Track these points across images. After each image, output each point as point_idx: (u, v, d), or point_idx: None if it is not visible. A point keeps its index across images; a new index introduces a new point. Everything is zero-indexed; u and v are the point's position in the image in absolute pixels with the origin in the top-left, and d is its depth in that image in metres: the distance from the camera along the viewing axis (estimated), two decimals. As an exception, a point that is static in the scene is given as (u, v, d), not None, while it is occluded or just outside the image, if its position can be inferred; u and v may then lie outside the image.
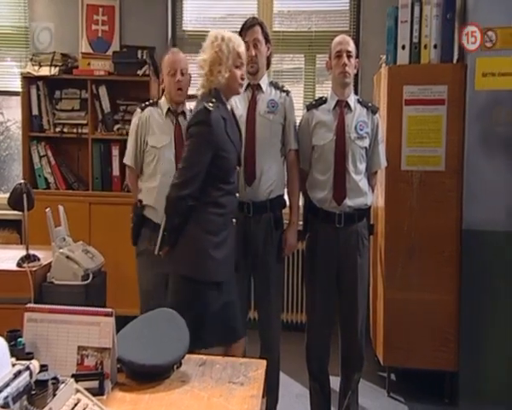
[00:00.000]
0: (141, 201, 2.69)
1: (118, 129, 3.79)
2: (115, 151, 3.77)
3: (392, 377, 3.14)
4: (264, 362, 1.78)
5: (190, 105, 2.67)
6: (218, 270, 2.22)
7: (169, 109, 2.68)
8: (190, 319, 2.03)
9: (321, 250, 2.61)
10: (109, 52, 3.89)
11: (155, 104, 2.73)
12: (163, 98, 2.73)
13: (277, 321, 2.67)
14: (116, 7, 3.99)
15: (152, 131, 2.67)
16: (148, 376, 1.55)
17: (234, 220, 2.32)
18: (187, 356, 1.70)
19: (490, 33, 2.88)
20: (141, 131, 2.68)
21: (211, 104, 2.15)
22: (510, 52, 2.85)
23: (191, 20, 4.15)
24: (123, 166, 3.80)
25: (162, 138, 2.65)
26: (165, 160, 2.62)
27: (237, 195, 2.36)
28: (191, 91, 2.76)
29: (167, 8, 4.03)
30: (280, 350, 2.68)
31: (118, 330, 1.61)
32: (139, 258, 2.71)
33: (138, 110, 2.74)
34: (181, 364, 1.67)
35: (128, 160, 2.75)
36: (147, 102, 2.76)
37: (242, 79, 2.29)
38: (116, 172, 3.78)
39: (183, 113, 2.70)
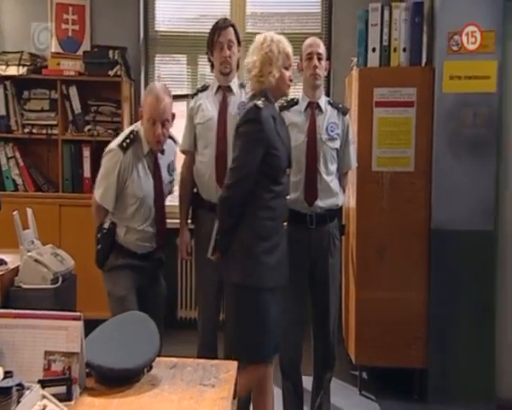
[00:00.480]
0: (114, 223, 2.45)
1: (89, 130, 3.73)
2: (86, 152, 3.73)
3: (364, 375, 3.18)
4: (235, 363, 1.77)
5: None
6: (271, 276, 2.18)
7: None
8: (250, 329, 2.04)
9: (293, 252, 2.62)
10: (80, 52, 3.83)
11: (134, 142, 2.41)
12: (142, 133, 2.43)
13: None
14: (87, 6, 3.93)
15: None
16: (117, 380, 1.53)
17: (285, 224, 2.30)
18: (157, 359, 1.69)
19: (456, 37, 2.95)
20: (122, 175, 2.39)
21: (260, 102, 2.15)
22: (476, 56, 2.92)
23: (164, 20, 4.13)
24: (94, 168, 3.77)
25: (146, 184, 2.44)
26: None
27: (288, 197, 2.36)
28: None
29: (139, 9, 4.00)
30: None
31: (88, 334, 1.59)
32: (111, 272, 2.47)
33: (118, 151, 2.39)
34: (151, 367, 1.66)
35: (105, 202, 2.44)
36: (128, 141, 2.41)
37: (291, 80, 2.29)
38: (87, 173, 3.73)
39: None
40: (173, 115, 2.44)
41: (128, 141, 2.40)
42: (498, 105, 2.92)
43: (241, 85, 2.69)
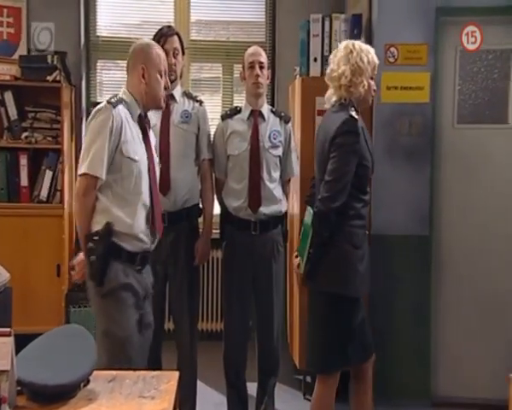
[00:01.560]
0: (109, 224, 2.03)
1: (26, 137, 3.59)
2: (23, 160, 3.57)
3: (308, 379, 3.22)
4: (176, 373, 1.76)
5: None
6: (362, 284, 2.18)
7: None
8: (335, 336, 2.05)
9: (237, 258, 2.64)
10: (15, 56, 3.68)
11: None
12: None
13: (193, 331, 2.66)
14: (23, 8, 3.79)
15: None
16: (51, 397, 1.48)
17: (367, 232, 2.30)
18: (96, 373, 1.65)
19: (392, 49, 3.07)
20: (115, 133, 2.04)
21: (354, 113, 2.13)
22: (410, 68, 3.05)
23: (105, 25, 4.05)
24: (32, 176, 3.64)
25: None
26: None
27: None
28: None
29: (80, 13, 3.90)
30: (197, 360, 2.67)
31: (22, 349, 1.53)
32: (110, 297, 2.04)
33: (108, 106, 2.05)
34: (88, 381, 1.61)
35: None
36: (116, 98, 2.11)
37: (374, 90, 2.29)
38: (24, 182, 3.59)
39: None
40: None
41: (116, 98, 2.07)
42: (432, 114, 3.06)
43: (185, 94, 2.67)
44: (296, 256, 2.29)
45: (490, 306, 3.11)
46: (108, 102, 2.05)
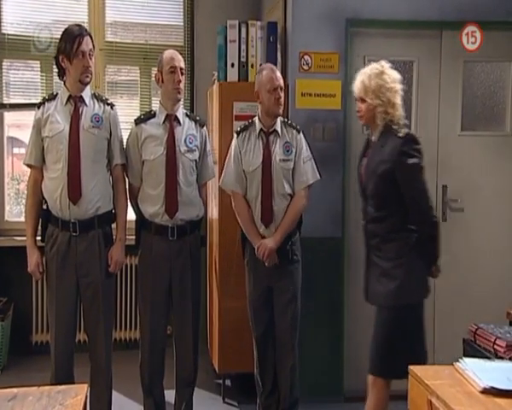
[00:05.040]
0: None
1: None
2: None
3: (228, 383, 3.23)
4: (84, 386, 1.69)
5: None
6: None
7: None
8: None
9: (154, 264, 2.60)
10: None
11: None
12: None
13: (108, 341, 2.57)
14: None
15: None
16: None
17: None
18: (-6, 392, 1.55)
19: (306, 57, 3.17)
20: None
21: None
22: (323, 75, 3.16)
23: (12, 23, 3.83)
24: None
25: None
26: None
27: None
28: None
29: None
30: (112, 370, 2.59)
31: None
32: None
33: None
34: (-15, 402, 1.51)
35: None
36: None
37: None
38: None
39: None
40: None
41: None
42: (343, 121, 3.19)
43: (94, 96, 2.58)
44: None
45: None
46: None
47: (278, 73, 2.70)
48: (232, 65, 3.20)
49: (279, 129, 2.71)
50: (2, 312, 3.50)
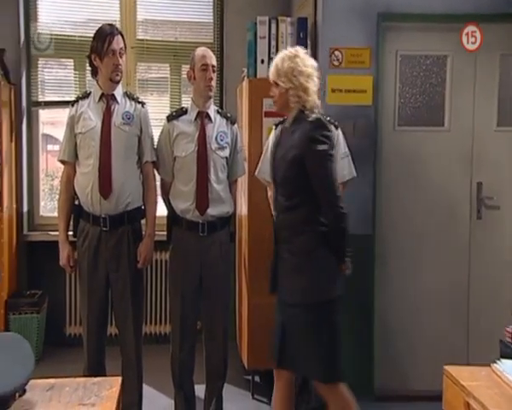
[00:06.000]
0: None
1: (-39, 137, 3.43)
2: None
3: (257, 379, 3.24)
4: (119, 379, 1.72)
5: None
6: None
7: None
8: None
9: (185, 260, 2.62)
10: (-51, 52, 3.52)
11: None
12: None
13: (137, 335, 2.61)
14: (-43, 2, 3.63)
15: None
16: (-17, 408, 1.42)
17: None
18: (33, 382, 1.59)
19: (337, 53, 3.14)
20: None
21: None
22: (354, 71, 3.13)
23: (48, 22, 3.92)
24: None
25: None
26: None
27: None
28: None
29: (18, 8, 3.75)
30: (144, 363, 2.63)
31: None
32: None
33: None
34: (25, 391, 1.56)
35: None
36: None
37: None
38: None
39: None
40: None
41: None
42: (374, 117, 3.15)
43: (126, 94, 2.63)
44: None
45: (432, 300, 3.23)
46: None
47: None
48: (262, 61, 3.20)
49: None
50: (37, 304, 3.59)
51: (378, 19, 3.12)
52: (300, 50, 2.25)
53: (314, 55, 3.22)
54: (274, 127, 2.74)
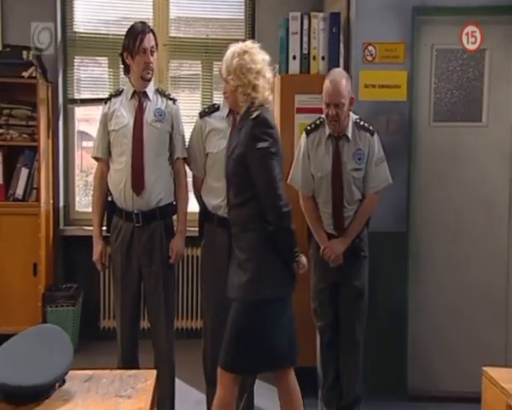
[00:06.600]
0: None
1: (1, 134, 3.54)
2: (-2, 158, 3.53)
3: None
4: (154, 372, 1.75)
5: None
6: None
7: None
8: None
9: (216, 256, 2.63)
10: (-10, 52, 3.64)
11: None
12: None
13: (169, 329, 2.64)
14: (-3, 3, 3.74)
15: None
16: (25, 397, 1.47)
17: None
18: (72, 373, 1.64)
19: (370, 48, 3.09)
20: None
21: None
22: (388, 66, 3.08)
23: (83, 21, 4.00)
24: (7, 174, 3.58)
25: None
26: None
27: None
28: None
29: (56, 8, 3.85)
30: (175, 358, 2.66)
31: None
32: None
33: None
34: (64, 381, 1.60)
35: None
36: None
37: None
38: (-1, 179, 3.54)
39: None
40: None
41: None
42: (409, 113, 3.10)
43: (157, 91, 2.66)
44: None
45: (467, 300, 3.17)
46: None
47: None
48: (294, 57, 3.18)
49: (350, 133, 2.65)
50: (73, 298, 3.68)
51: (413, 12, 3.06)
52: (250, 45, 2.21)
53: (347, 51, 3.19)
54: (305, 135, 2.72)
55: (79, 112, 4.13)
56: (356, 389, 2.68)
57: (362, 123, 2.69)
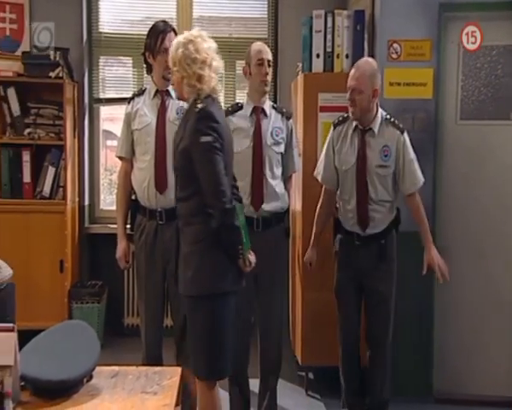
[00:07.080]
0: None
1: (29, 133, 3.61)
2: (26, 156, 3.60)
3: (310, 375, 3.22)
4: (178, 369, 1.77)
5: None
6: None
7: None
8: None
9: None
10: (18, 52, 3.71)
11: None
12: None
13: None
14: (25, 5, 3.81)
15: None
16: (54, 392, 1.50)
17: None
18: (99, 368, 1.66)
19: (395, 45, 3.06)
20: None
21: None
22: (414, 63, 3.04)
23: (108, 21, 4.05)
24: (35, 172, 3.65)
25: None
26: None
27: None
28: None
29: (82, 9, 3.90)
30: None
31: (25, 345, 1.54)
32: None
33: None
34: (91, 377, 1.63)
35: None
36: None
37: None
38: (27, 178, 3.61)
39: None
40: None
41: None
42: (435, 111, 3.05)
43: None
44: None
45: (493, 302, 3.11)
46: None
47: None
48: (317, 55, 3.16)
49: (376, 128, 2.61)
50: (98, 294, 3.73)
51: (440, 9, 3.02)
52: (196, 34, 2.15)
53: (371, 49, 3.16)
54: (332, 128, 2.71)
55: (104, 111, 4.18)
56: (383, 393, 2.66)
57: (392, 119, 2.65)
